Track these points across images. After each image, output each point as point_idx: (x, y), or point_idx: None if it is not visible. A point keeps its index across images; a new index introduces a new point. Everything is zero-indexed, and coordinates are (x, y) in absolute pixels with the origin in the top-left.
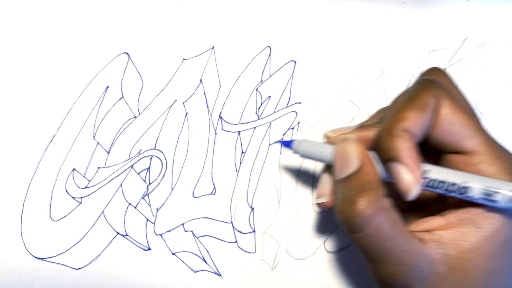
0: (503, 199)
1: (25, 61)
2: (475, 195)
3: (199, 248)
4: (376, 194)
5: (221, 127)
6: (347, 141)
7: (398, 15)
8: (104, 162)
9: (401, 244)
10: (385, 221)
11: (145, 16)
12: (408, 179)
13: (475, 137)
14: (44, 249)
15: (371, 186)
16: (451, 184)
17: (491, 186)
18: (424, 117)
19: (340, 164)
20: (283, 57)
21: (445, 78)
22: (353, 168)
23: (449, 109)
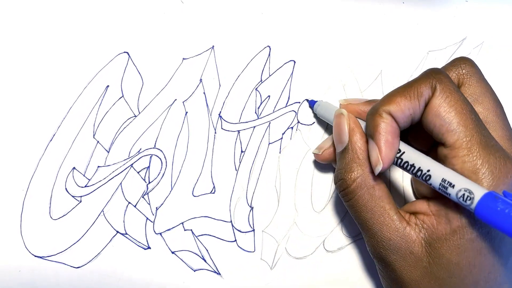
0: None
1: (25, 61)
2: (435, 184)
3: (199, 247)
4: (360, 171)
5: (220, 126)
6: (340, 117)
7: (397, 15)
8: (104, 161)
9: (379, 217)
10: (365, 195)
11: (145, 16)
12: (375, 158)
13: (456, 132)
14: (43, 247)
15: (355, 164)
16: (419, 169)
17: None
18: (411, 105)
19: (335, 139)
20: (283, 57)
21: (469, 68)
22: (344, 144)
23: (440, 102)
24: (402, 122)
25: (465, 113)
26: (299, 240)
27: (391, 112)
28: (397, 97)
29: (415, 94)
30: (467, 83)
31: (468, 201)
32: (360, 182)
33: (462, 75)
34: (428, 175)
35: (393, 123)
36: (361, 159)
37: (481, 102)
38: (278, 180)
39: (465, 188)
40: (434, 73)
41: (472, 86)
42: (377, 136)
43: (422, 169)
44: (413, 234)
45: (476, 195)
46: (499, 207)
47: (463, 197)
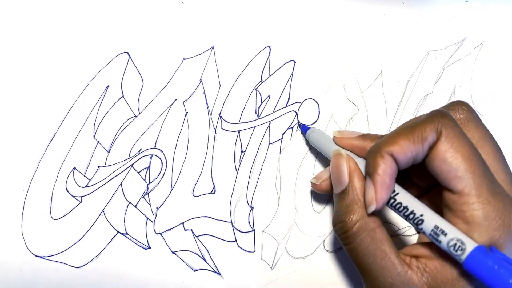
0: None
1: (25, 61)
2: (426, 230)
3: (199, 247)
4: (360, 214)
5: (221, 127)
6: (339, 158)
7: (397, 15)
8: (104, 161)
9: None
10: (367, 239)
11: (145, 16)
12: (370, 197)
13: (464, 179)
14: (44, 247)
15: (356, 206)
16: (411, 212)
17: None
18: (414, 148)
19: (334, 180)
20: (283, 57)
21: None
22: (343, 185)
23: (446, 147)
24: (403, 164)
25: (472, 158)
26: (299, 240)
27: (393, 153)
28: (401, 139)
29: (419, 137)
30: (466, 128)
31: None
32: (361, 225)
33: (460, 120)
34: (420, 219)
35: (393, 165)
36: (362, 201)
37: (481, 147)
38: (278, 180)
39: (457, 238)
40: (440, 116)
41: (471, 131)
42: (376, 177)
43: (415, 212)
44: (415, 278)
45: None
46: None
47: (454, 247)
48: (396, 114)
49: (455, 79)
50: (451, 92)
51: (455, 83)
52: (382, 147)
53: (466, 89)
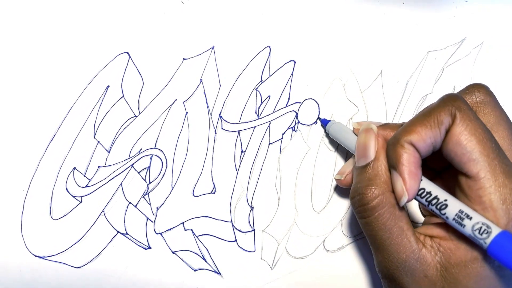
0: (470, 226)
1: (25, 61)
2: (450, 215)
3: (199, 247)
4: (382, 189)
5: (221, 127)
6: (369, 132)
7: (397, 15)
8: (105, 161)
9: (397, 237)
10: (386, 214)
11: (145, 16)
12: (399, 189)
13: (479, 162)
14: (44, 247)
15: (379, 180)
16: (435, 197)
17: (464, 211)
18: (432, 133)
19: (359, 153)
20: (283, 57)
21: (483, 96)
22: (368, 159)
23: (461, 130)
24: (424, 151)
25: (485, 141)
26: (299, 240)
27: (412, 142)
28: (418, 127)
29: (435, 122)
30: (482, 111)
31: (484, 235)
32: (382, 199)
33: (477, 103)
34: (444, 204)
35: (415, 153)
36: (385, 176)
37: (496, 131)
38: (278, 180)
39: (482, 222)
40: (452, 100)
41: (486, 114)
42: (401, 167)
43: (439, 197)
44: (428, 256)
45: (494, 231)
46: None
47: (479, 230)
48: (396, 114)
49: (455, 79)
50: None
51: (455, 83)
52: (401, 138)
53: None
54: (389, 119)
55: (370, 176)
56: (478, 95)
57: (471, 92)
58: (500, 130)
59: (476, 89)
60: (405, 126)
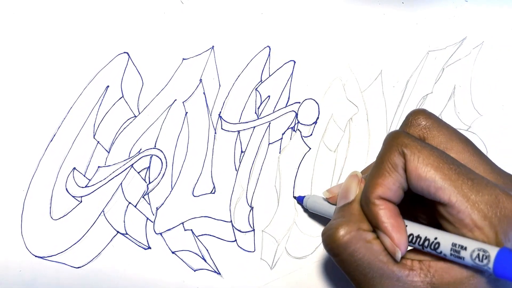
0: (468, 256)
1: (25, 61)
2: (446, 251)
3: (199, 247)
4: (355, 225)
5: (220, 127)
6: (352, 177)
7: (397, 15)
8: (104, 161)
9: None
10: (361, 249)
11: (145, 16)
12: (390, 247)
13: (445, 188)
14: (44, 247)
15: (354, 218)
16: (425, 240)
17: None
18: (393, 180)
19: (340, 195)
20: (283, 57)
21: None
22: (347, 201)
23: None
24: (395, 198)
25: (442, 166)
26: (299, 240)
27: (381, 196)
28: (378, 179)
29: (390, 168)
30: (429, 136)
31: (484, 260)
32: (355, 235)
33: (421, 130)
34: (436, 242)
35: (389, 205)
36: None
37: (451, 148)
38: (278, 180)
39: (478, 248)
40: (395, 138)
41: (435, 137)
42: (382, 225)
43: (429, 238)
44: (417, 279)
45: (491, 253)
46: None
47: (478, 258)
48: (396, 114)
49: (455, 79)
50: (451, 92)
51: (455, 83)
52: (369, 196)
53: (466, 89)
54: (389, 119)
55: (344, 214)
56: (420, 121)
57: (412, 122)
58: (454, 146)
59: (415, 117)
60: (368, 183)
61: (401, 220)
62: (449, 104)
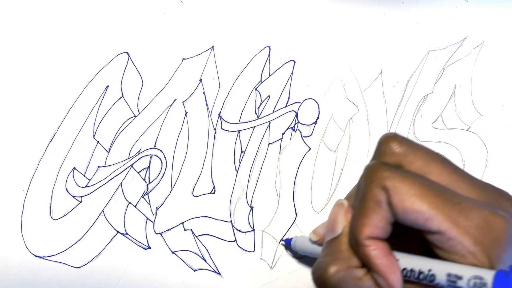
0: (465, 286)
1: (25, 61)
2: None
3: (199, 247)
4: (345, 264)
5: (220, 127)
6: (338, 207)
7: (397, 15)
8: (104, 161)
9: None
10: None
11: (145, 16)
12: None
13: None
14: (44, 247)
15: (342, 256)
16: (420, 272)
17: (452, 272)
18: (379, 217)
19: (328, 228)
20: (283, 57)
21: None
22: (335, 234)
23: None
24: (383, 234)
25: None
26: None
27: (369, 236)
28: (364, 218)
29: (374, 205)
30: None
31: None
32: (344, 275)
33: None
34: (431, 275)
35: (379, 243)
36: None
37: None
38: (278, 180)
39: (474, 276)
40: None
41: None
42: (375, 266)
43: (423, 270)
44: None
45: (488, 279)
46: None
47: (475, 286)
48: (396, 114)
49: (455, 79)
50: (451, 92)
51: (455, 83)
52: (358, 238)
53: (466, 89)
54: (389, 119)
55: (332, 251)
56: (393, 149)
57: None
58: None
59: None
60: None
61: (392, 257)
62: (450, 104)
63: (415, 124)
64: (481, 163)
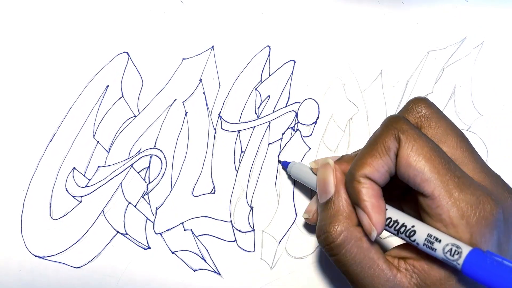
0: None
1: (25, 61)
2: (420, 241)
3: (199, 247)
4: (345, 224)
5: (220, 127)
6: (326, 167)
7: (397, 15)
8: (104, 161)
9: (369, 269)
10: (353, 248)
11: (145, 16)
12: (367, 225)
13: (431, 181)
14: (44, 247)
15: (341, 216)
16: (402, 225)
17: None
18: (383, 162)
19: (320, 190)
20: (283, 57)
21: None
22: (329, 195)
23: (407, 152)
24: (381, 181)
25: (434, 158)
26: (299, 239)
27: (367, 175)
28: (368, 158)
29: (382, 150)
30: (427, 125)
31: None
32: (347, 235)
33: (420, 118)
34: (412, 230)
35: (374, 186)
36: (347, 211)
37: (445, 141)
38: (278, 180)
39: (452, 243)
40: (394, 122)
41: (432, 127)
42: (363, 203)
43: (406, 224)
44: (404, 281)
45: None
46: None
47: (450, 252)
48: None
49: (455, 79)
50: (451, 92)
51: (455, 83)
52: (355, 173)
53: (466, 89)
54: None
55: (332, 212)
56: (420, 109)
57: (412, 108)
58: (449, 140)
59: (416, 104)
60: (357, 160)
61: (382, 201)
62: (450, 104)
63: None
64: None
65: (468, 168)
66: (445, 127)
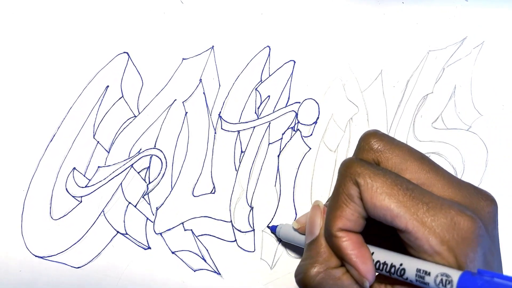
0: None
1: (25, 61)
2: (411, 277)
3: (199, 247)
4: (323, 265)
5: (220, 127)
6: (315, 209)
7: (397, 15)
8: (104, 161)
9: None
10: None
11: (145, 16)
12: (358, 278)
13: (401, 215)
14: (44, 247)
15: (321, 258)
16: (391, 266)
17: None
18: (351, 210)
19: (307, 230)
20: (283, 57)
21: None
22: (313, 236)
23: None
24: (357, 227)
25: (396, 192)
26: None
27: (341, 228)
28: (336, 212)
29: (346, 199)
30: (383, 159)
31: (448, 285)
32: (323, 276)
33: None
34: (402, 269)
35: (351, 235)
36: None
37: (406, 169)
38: (278, 180)
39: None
40: (348, 168)
41: (389, 159)
42: (348, 257)
43: (395, 264)
44: None
45: (454, 277)
46: (477, 284)
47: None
48: (396, 114)
49: (455, 79)
50: (451, 92)
51: (455, 83)
52: (330, 230)
53: (466, 89)
54: (389, 119)
55: (312, 254)
56: (372, 145)
57: (364, 146)
58: (409, 166)
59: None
60: (328, 216)
61: (365, 248)
62: (450, 104)
63: (415, 124)
64: (481, 163)
65: (436, 188)
66: (402, 155)
